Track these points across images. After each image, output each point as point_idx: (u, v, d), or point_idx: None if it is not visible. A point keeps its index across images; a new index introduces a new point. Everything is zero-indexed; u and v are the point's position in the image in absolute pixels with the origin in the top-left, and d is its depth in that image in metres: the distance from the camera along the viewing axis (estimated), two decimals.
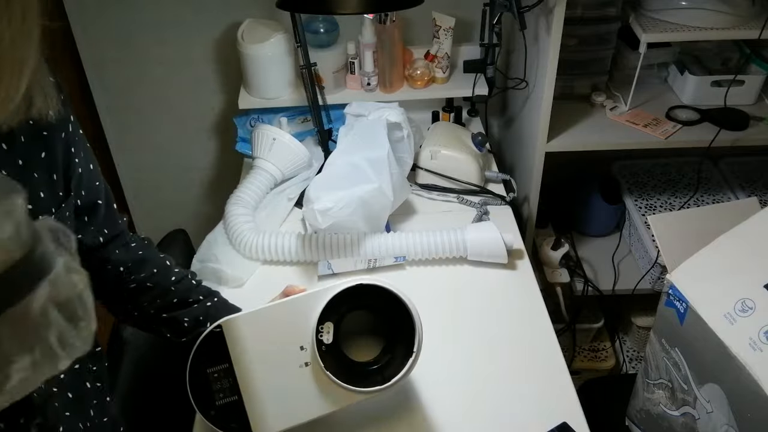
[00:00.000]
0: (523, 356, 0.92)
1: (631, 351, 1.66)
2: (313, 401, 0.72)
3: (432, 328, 0.88)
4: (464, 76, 1.41)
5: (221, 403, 0.70)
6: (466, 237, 1.05)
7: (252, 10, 1.39)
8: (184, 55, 1.48)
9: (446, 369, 0.90)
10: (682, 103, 1.38)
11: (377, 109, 1.18)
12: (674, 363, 0.83)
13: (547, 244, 1.44)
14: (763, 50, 1.35)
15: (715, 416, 0.76)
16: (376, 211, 1.06)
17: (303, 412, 0.72)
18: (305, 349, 0.72)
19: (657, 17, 1.25)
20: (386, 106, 1.19)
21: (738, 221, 0.79)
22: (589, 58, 1.39)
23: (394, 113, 1.16)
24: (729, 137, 1.27)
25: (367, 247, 1.04)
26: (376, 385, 0.73)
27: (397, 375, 0.73)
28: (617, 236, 1.59)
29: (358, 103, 1.21)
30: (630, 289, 1.45)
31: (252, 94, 1.37)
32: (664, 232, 0.87)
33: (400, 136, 1.16)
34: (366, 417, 0.84)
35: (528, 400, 0.86)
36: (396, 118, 1.15)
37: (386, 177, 1.05)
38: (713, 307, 0.73)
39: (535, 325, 0.97)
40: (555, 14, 1.09)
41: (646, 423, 0.95)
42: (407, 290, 0.75)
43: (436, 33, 1.33)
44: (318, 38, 1.31)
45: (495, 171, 1.28)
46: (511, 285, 1.04)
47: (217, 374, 0.71)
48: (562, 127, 1.32)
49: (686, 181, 1.60)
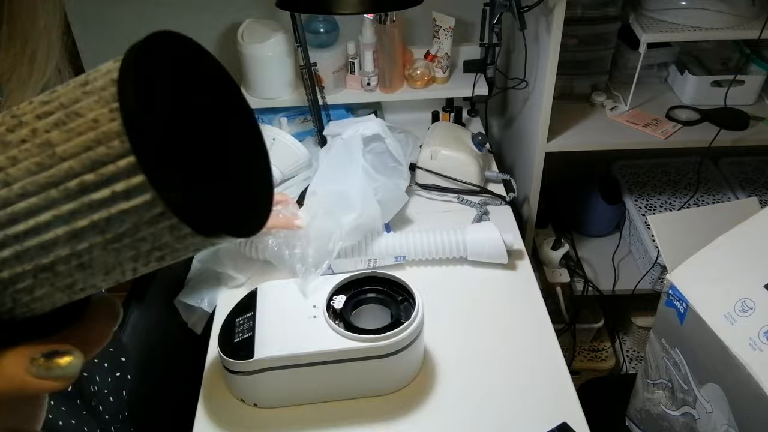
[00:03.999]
0: (523, 356, 0.92)
1: (631, 351, 1.66)
2: (310, 341, 0.80)
3: (432, 328, 0.88)
4: (464, 76, 1.41)
5: (238, 340, 0.80)
6: (466, 237, 1.05)
7: (252, 10, 1.39)
8: None
9: (446, 369, 0.90)
10: (682, 103, 1.38)
11: (352, 125, 1.15)
12: (674, 363, 0.83)
13: (547, 244, 1.44)
14: (763, 50, 1.35)
15: (715, 416, 0.76)
16: (369, 227, 1.05)
17: (297, 347, 0.79)
18: (317, 307, 0.83)
19: (657, 17, 1.25)
20: (362, 120, 1.17)
21: (738, 221, 0.79)
22: (589, 58, 1.39)
23: (369, 126, 1.13)
24: (729, 137, 1.27)
25: (367, 247, 1.04)
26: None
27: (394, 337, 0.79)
28: (617, 236, 1.59)
29: (335, 122, 1.20)
30: (630, 289, 1.45)
31: (252, 94, 1.37)
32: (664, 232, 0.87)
33: (383, 146, 1.15)
34: (366, 417, 0.84)
35: (528, 400, 0.86)
36: (372, 131, 1.12)
37: (369, 197, 1.03)
38: (713, 307, 0.73)
39: (535, 325, 0.97)
40: (555, 14, 1.09)
41: (646, 423, 0.95)
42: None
43: (436, 33, 1.33)
44: (318, 38, 1.31)
45: (495, 171, 1.28)
46: (511, 285, 1.04)
47: (242, 321, 0.83)
48: (562, 127, 1.32)
49: (686, 181, 1.60)
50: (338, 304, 0.83)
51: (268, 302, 0.86)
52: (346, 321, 0.81)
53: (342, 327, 0.80)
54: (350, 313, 0.83)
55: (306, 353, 0.79)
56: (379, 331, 0.79)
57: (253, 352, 0.78)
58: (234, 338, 0.81)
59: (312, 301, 0.84)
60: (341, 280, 0.86)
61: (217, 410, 0.85)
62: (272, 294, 0.87)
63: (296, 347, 0.79)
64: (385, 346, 0.79)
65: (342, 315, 0.82)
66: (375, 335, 0.78)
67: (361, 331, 0.79)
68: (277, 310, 0.85)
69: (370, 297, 0.86)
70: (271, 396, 0.84)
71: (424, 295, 0.83)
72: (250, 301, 0.86)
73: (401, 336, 0.79)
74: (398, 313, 0.83)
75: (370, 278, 0.87)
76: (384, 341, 0.78)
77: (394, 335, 0.78)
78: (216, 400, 0.86)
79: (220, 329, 0.83)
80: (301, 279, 0.90)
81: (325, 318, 0.81)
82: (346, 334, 0.79)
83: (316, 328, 0.80)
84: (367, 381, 0.84)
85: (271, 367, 0.79)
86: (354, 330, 0.80)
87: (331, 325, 0.80)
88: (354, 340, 0.79)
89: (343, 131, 1.16)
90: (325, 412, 0.84)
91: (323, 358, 0.79)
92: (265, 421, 0.84)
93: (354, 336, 0.78)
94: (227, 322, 0.84)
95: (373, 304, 0.86)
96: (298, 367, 0.79)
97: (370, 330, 0.79)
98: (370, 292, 0.86)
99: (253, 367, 0.79)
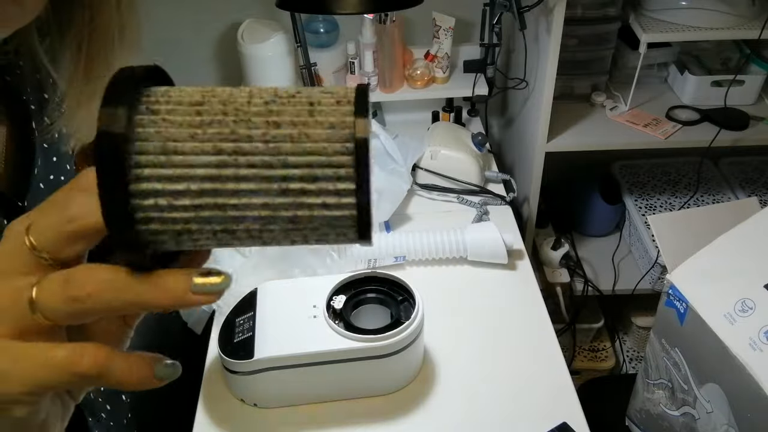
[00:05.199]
0: (523, 356, 0.92)
1: (631, 351, 1.66)
2: (310, 341, 0.80)
3: (432, 328, 0.88)
4: (464, 76, 1.41)
5: (238, 340, 0.81)
6: (466, 237, 1.05)
7: (252, 10, 1.39)
8: (184, 55, 1.48)
9: (446, 369, 0.90)
10: (682, 103, 1.38)
11: None
12: (674, 363, 0.83)
13: (547, 244, 1.44)
14: (763, 50, 1.35)
15: (715, 416, 0.76)
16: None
17: (297, 347, 0.79)
18: (317, 307, 0.83)
19: (657, 17, 1.25)
20: None
21: (738, 221, 0.79)
22: (589, 58, 1.39)
23: None
24: (729, 137, 1.27)
25: (367, 247, 1.04)
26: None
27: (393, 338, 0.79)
28: (617, 236, 1.59)
29: None
30: (630, 289, 1.45)
31: None
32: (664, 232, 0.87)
33: (379, 144, 1.17)
34: (366, 417, 0.84)
35: (528, 400, 0.86)
36: None
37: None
38: (713, 307, 0.73)
39: (535, 325, 0.97)
40: (555, 14, 1.09)
41: (646, 423, 0.95)
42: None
43: (436, 33, 1.33)
44: (318, 38, 1.31)
45: (495, 171, 1.28)
46: (511, 285, 1.04)
47: (242, 321, 0.83)
48: (562, 127, 1.32)
49: (686, 181, 1.60)
50: (338, 304, 0.83)
51: (268, 302, 0.86)
52: (346, 321, 0.81)
53: (342, 327, 0.80)
54: (350, 313, 0.83)
55: (306, 353, 0.79)
56: (379, 331, 0.79)
57: (253, 352, 0.78)
58: (234, 338, 0.81)
59: (312, 301, 0.84)
60: (341, 280, 0.86)
61: (217, 410, 0.85)
62: (272, 294, 0.87)
63: (296, 347, 0.79)
64: (385, 346, 0.79)
65: (342, 315, 0.82)
66: (375, 335, 0.78)
67: (361, 331, 0.79)
68: (277, 310, 0.85)
69: (370, 297, 0.86)
70: (271, 396, 0.84)
71: (424, 295, 0.83)
72: (250, 301, 0.86)
73: (401, 336, 0.79)
74: (398, 313, 0.83)
75: (370, 278, 0.87)
76: (384, 341, 0.78)
77: (394, 335, 0.79)
78: (216, 400, 0.86)
79: (220, 329, 0.83)
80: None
81: (325, 318, 0.81)
82: (346, 334, 0.79)
83: (316, 328, 0.80)
84: (367, 381, 0.84)
85: (271, 367, 0.79)
86: (354, 330, 0.80)
87: (331, 325, 0.80)
88: (354, 340, 0.79)
89: None
90: (325, 412, 0.84)
91: (323, 358, 0.79)
92: (265, 421, 0.84)
93: (354, 336, 0.78)
94: (227, 322, 0.84)
95: (373, 304, 0.86)
96: (298, 367, 0.80)
97: (370, 330, 0.79)
98: (370, 292, 0.86)
99: (253, 367, 0.79)
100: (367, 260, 1.05)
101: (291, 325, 0.81)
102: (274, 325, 0.82)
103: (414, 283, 0.85)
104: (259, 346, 0.79)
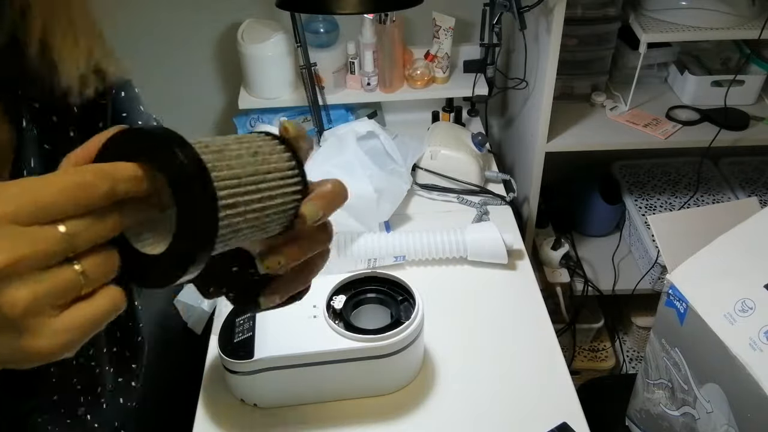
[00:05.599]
0: (523, 356, 0.92)
1: (631, 351, 1.66)
2: (310, 341, 0.80)
3: (432, 328, 0.88)
4: (464, 76, 1.41)
5: (238, 340, 0.81)
6: (466, 237, 1.05)
7: (252, 10, 1.39)
8: (184, 55, 1.48)
9: (446, 369, 0.90)
10: (682, 103, 1.38)
11: (346, 125, 1.23)
12: (674, 363, 0.83)
13: (547, 244, 1.44)
14: (763, 50, 1.35)
15: (715, 416, 0.76)
16: (362, 209, 1.06)
17: (297, 347, 0.80)
18: (317, 307, 0.83)
19: (657, 17, 1.25)
20: (356, 121, 1.23)
21: (738, 221, 0.79)
22: (589, 58, 1.39)
23: (362, 125, 1.19)
24: (729, 137, 1.27)
25: (367, 247, 1.04)
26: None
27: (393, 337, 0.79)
28: (617, 236, 1.59)
29: (331, 130, 1.25)
30: (630, 289, 1.45)
31: (252, 94, 1.37)
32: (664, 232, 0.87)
33: (379, 145, 1.17)
34: (366, 417, 0.84)
35: (528, 400, 0.86)
36: (365, 129, 1.17)
37: (360, 176, 1.07)
38: (713, 307, 0.73)
39: (535, 325, 0.97)
40: (555, 14, 1.09)
41: (646, 423, 0.95)
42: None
43: (436, 33, 1.33)
44: (318, 38, 1.31)
45: (495, 171, 1.28)
46: (511, 285, 1.04)
47: (242, 321, 0.83)
48: (562, 127, 1.32)
49: (686, 181, 1.60)
50: (338, 304, 0.83)
51: None
52: (346, 321, 0.82)
53: (342, 327, 0.80)
54: (350, 313, 0.83)
55: (306, 353, 0.79)
56: (379, 331, 0.79)
57: (253, 352, 0.79)
58: (234, 338, 0.81)
59: (312, 301, 0.84)
60: (341, 280, 0.86)
61: (217, 410, 0.85)
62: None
63: (296, 347, 0.79)
64: (385, 346, 0.79)
65: (342, 315, 0.82)
66: (375, 335, 0.78)
67: (361, 331, 0.79)
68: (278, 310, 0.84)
69: (370, 297, 0.86)
70: (271, 396, 0.84)
71: (424, 295, 0.83)
72: None
73: (401, 336, 0.79)
74: (398, 313, 0.83)
75: (370, 278, 0.87)
76: (384, 341, 0.78)
77: (394, 335, 0.79)
78: (216, 400, 0.86)
79: (220, 329, 0.83)
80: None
81: (325, 318, 0.81)
82: (346, 334, 0.79)
83: (316, 328, 0.80)
84: (367, 381, 0.84)
85: (271, 367, 0.79)
86: (354, 330, 0.80)
87: (331, 325, 0.80)
88: (354, 340, 0.79)
89: (338, 132, 1.21)
90: (325, 412, 0.84)
91: (323, 358, 0.79)
92: (265, 421, 0.84)
93: (354, 336, 0.79)
94: (227, 322, 0.84)
95: (373, 304, 0.86)
96: (298, 367, 0.80)
97: (370, 330, 0.79)
98: (370, 292, 0.86)
99: (253, 367, 0.79)
100: (367, 260, 1.05)
101: (291, 325, 0.81)
102: (274, 325, 0.82)
103: (414, 283, 0.85)
104: (259, 346, 0.79)
